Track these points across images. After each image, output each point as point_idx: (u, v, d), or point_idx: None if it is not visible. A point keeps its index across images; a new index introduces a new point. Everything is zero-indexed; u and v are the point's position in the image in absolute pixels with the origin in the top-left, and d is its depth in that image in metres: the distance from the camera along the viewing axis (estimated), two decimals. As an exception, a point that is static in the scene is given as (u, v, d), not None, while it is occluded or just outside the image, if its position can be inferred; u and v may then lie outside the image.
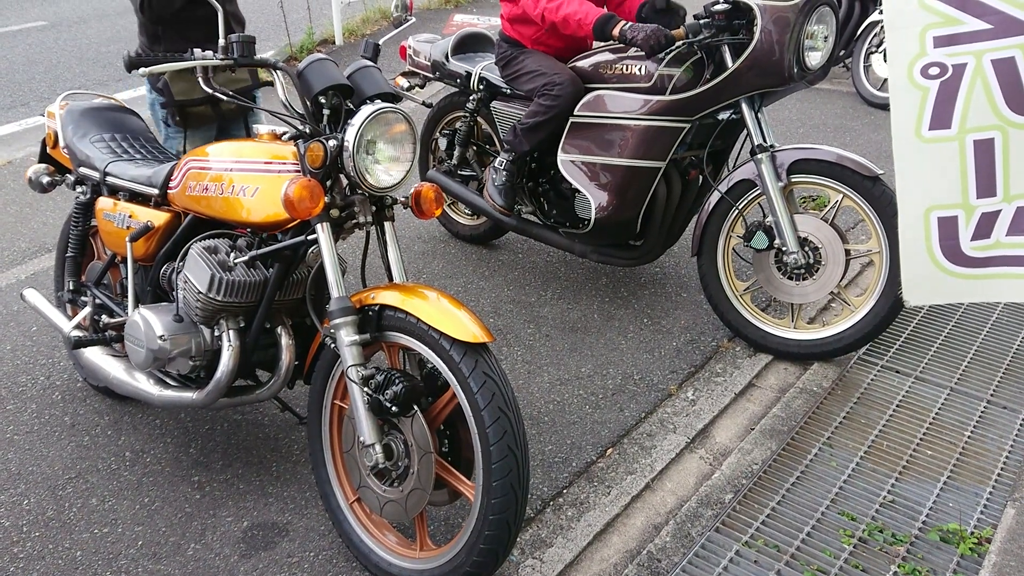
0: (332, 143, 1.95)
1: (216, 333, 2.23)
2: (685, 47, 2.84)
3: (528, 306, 3.51)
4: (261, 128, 2.21)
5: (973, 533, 2.24)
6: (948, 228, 2.29)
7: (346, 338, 1.95)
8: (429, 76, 3.80)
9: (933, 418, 2.73)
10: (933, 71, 2.17)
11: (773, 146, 2.88)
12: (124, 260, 2.46)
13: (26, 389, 2.93)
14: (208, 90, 2.04)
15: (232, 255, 2.16)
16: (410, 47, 3.88)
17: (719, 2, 2.75)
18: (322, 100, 1.97)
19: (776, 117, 5.67)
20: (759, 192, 2.92)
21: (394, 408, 1.88)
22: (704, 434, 2.73)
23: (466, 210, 4.01)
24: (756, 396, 2.91)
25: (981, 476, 2.46)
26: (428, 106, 3.88)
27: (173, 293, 2.29)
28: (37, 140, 4.07)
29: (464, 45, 3.73)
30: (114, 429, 2.72)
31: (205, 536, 2.28)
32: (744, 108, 2.87)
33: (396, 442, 1.98)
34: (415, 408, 1.92)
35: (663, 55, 2.89)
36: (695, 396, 2.91)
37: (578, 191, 3.22)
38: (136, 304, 2.40)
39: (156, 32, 2.91)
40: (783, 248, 2.93)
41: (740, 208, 2.99)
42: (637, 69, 2.99)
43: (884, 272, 2.79)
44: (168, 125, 3.03)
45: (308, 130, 2.03)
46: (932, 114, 2.19)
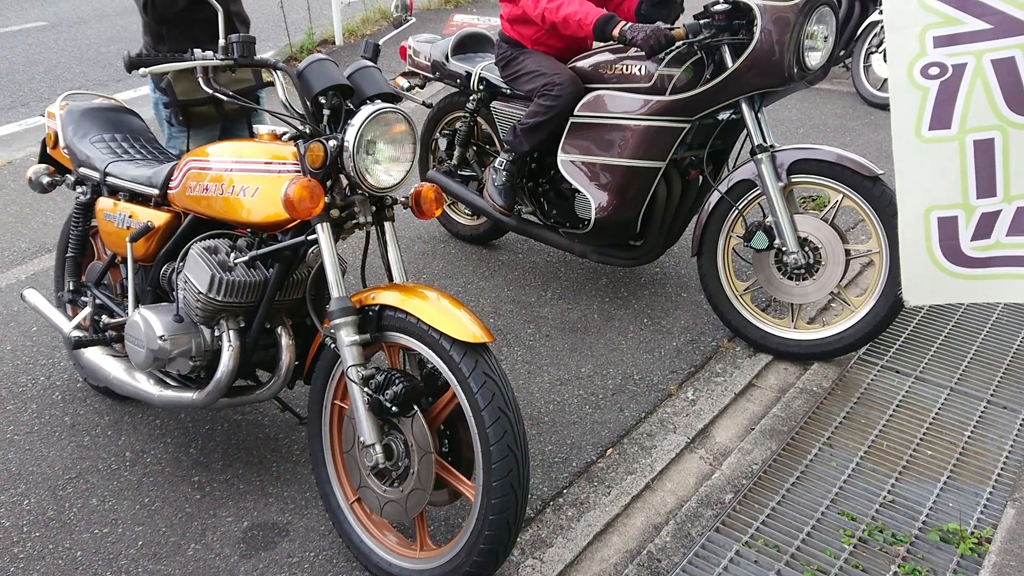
0: (332, 143, 1.95)
1: (216, 333, 2.23)
2: (685, 47, 2.84)
3: (528, 306, 3.51)
4: (261, 128, 2.21)
5: (973, 533, 2.24)
6: (948, 228, 2.29)
7: (346, 338, 1.95)
8: (429, 76, 3.80)
9: (933, 418, 2.73)
10: (933, 71, 2.17)
11: (773, 146, 2.88)
12: (124, 260, 2.46)
13: (26, 389, 2.94)
14: (208, 90, 2.04)
15: (232, 255, 2.16)
16: (410, 47, 3.89)
17: (719, 2, 2.75)
18: (322, 100, 1.97)
19: (776, 117, 5.67)
20: (759, 192, 2.93)
21: (394, 408, 1.88)
22: (704, 434, 2.73)
23: (466, 210, 4.01)
24: (756, 396, 2.92)
25: (981, 476, 2.46)
26: (428, 106, 3.89)
27: (173, 293, 2.29)
28: (37, 140, 4.07)
29: (464, 45, 3.73)
30: (114, 429, 2.72)
31: (205, 536, 2.28)
32: (744, 108, 2.87)
33: (396, 442, 1.98)
34: (415, 408, 1.92)
35: (663, 55, 2.89)
36: (695, 396, 2.91)
37: (578, 191, 3.22)
38: (136, 304, 2.40)
39: (160, 32, 2.92)
40: (783, 248, 2.93)
41: (740, 208, 2.99)
42: (637, 69, 2.99)
43: (884, 272, 2.79)
44: (171, 125, 3.03)
45: (308, 130, 2.03)
46: (932, 114, 2.20)
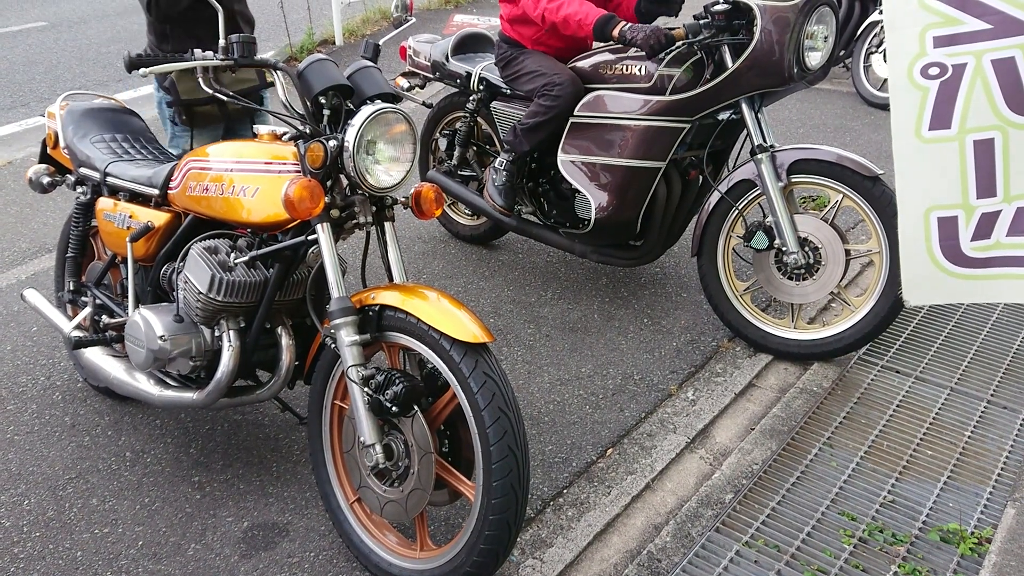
0: (332, 143, 1.95)
1: (216, 333, 2.23)
2: (685, 47, 2.84)
3: (528, 306, 3.51)
4: (261, 128, 2.21)
5: (973, 533, 2.24)
6: (948, 228, 2.29)
7: (346, 338, 1.95)
8: (429, 76, 3.80)
9: (933, 418, 2.73)
10: (933, 71, 2.17)
11: (773, 146, 2.88)
12: (124, 260, 2.46)
13: (26, 389, 2.94)
14: (208, 91, 2.04)
15: (232, 255, 2.16)
16: (410, 47, 3.89)
17: (719, 2, 2.75)
18: (322, 100, 1.97)
19: (776, 117, 5.67)
20: (759, 192, 2.93)
21: (394, 408, 1.88)
22: (704, 434, 2.73)
23: (466, 210, 4.01)
24: (756, 396, 2.92)
25: (981, 476, 2.46)
26: (428, 106, 3.89)
27: (173, 293, 2.29)
28: (37, 140, 4.07)
29: (464, 45, 3.73)
30: (114, 429, 2.72)
31: (205, 536, 2.28)
32: (744, 108, 2.87)
33: (396, 442, 1.98)
34: (415, 408, 1.92)
35: (663, 55, 2.89)
36: (695, 396, 2.91)
37: (578, 191, 3.22)
38: (136, 304, 2.40)
39: (164, 31, 2.92)
40: (783, 248, 2.93)
41: (740, 208, 3.00)
42: (637, 69, 2.99)
43: (884, 272, 2.79)
44: (175, 124, 3.03)
45: (308, 130, 2.03)
46: (932, 114, 2.19)
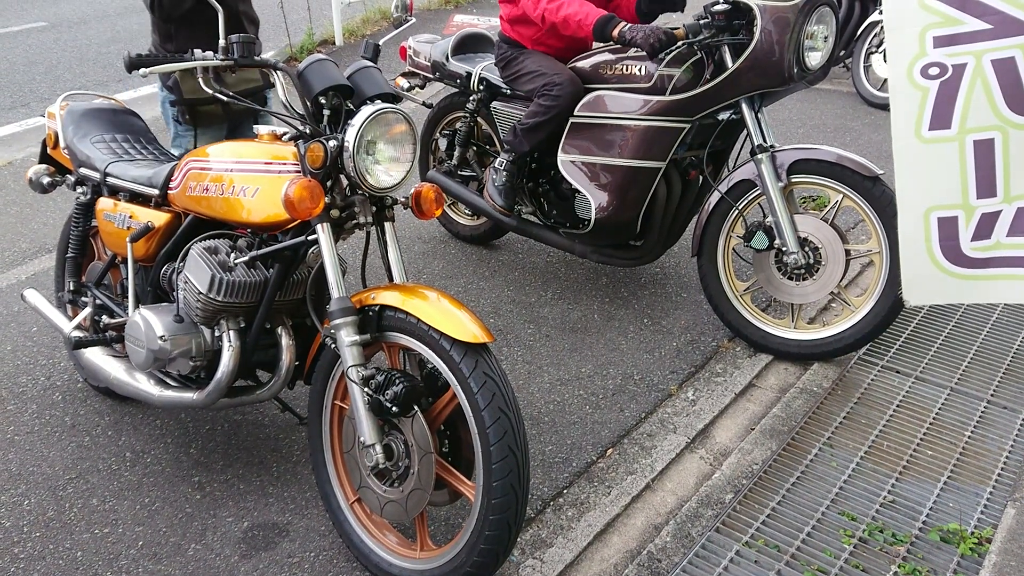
0: (332, 143, 1.95)
1: (216, 333, 2.23)
2: (685, 47, 2.84)
3: (528, 306, 3.51)
4: (261, 128, 2.21)
5: (973, 533, 2.24)
6: (948, 228, 2.29)
7: (346, 338, 1.95)
8: (429, 76, 3.80)
9: (933, 418, 2.73)
10: (933, 71, 2.17)
11: (773, 146, 2.88)
12: (124, 260, 2.46)
13: (27, 390, 2.94)
14: (208, 91, 2.04)
15: (232, 255, 2.16)
16: (410, 47, 3.89)
17: (719, 2, 2.75)
18: (322, 100, 1.97)
19: (776, 117, 5.67)
20: (759, 192, 2.93)
21: (394, 408, 1.88)
22: (704, 434, 2.73)
23: (466, 210, 4.01)
24: (756, 396, 2.91)
25: (981, 476, 2.46)
26: (428, 106, 3.89)
27: (173, 293, 2.29)
28: (37, 141, 4.08)
29: (464, 45, 3.73)
30: (114, 430, 2.72)
31: (205, 536, 2.28)
32: (744, 108, 2.87)
33: (396, 442, 1.98)
34: (415, 408, 1.92)
35: (663, 55, 2.89)
36: (695, 396, 2.91)
37: (578, 191, 3.22)
38: (136, 304, 2.40)
39: (168, 30, 2.92)
40: (783, 248, 2.93)
41: (740, 208, 2.99)
42: (637, 69, 2.99)
43: (884, 272, 2.79)
44: (179, 123, 3.03)
45: (308, 130, 2.03)
46: (932, 114, 2.20)
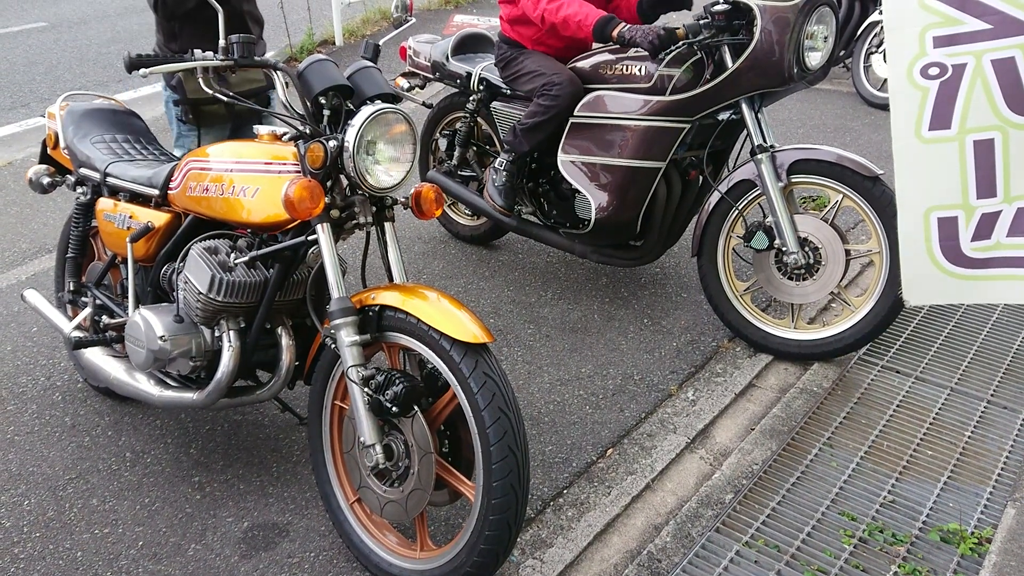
0: (332, 144, 1.95)
1: (216, 334, 2.23)
2: (685, 47, 2.84)
3: (528, 306, 3.51)
4: (261, 129, 2.21)
5: (973, 533, 2.24)
6: (948, 229, 2.29)
7: (346, 338, 1.95)
8: (429, 77, 3.80)
9: (933, 418, 2.73)
10: (933, 71, 2.17)
11: (773, 146, 2.88)
12: (124, 261, 2.46)
13: (27, 390, 2.94)
14: (209, 91, 2.04)
15: (232, 256, 2.16)
16: (410, 48, 3.89)
17: (719, 2, 2.75)
18: (322, 101, 1.97)
19: (776, 117, 5.67)
20: (759, 192, 2.93)
21: (394, 408, 1.88)
22: (704, 434, 2.73)
23: (466, 210, 4.01)
24: (756, 396, 2.91)
25: (981, 476, 2.46)
26: (428, 107, 3.89)
27: (173, 294, 2.29)
28: (38, 141, 4.07)
29: (464, 46, 3.73)
30: (114, 430, 2.72)
31: (205, 536, 2.28)
32: (744, 108, 2.87)
33: (396, 442, 1.98)
34: (415, 408, 1.92)
35: (664, 55, 2.89)
36: (695, 396, 2.91)
37: (578, 191, 3.22)
38: (136, 305, 2.41)
39: (172, 30, 2.92)
40: (783, 248, 2.93)
41: (740, 208, 2.99)
42: (637, 69, 2.99)
43: (884, 272, 2.79)
44: (182, 123, 3.03)
45: (308, 131, 2.03)
46: (932, 114, 2.19)
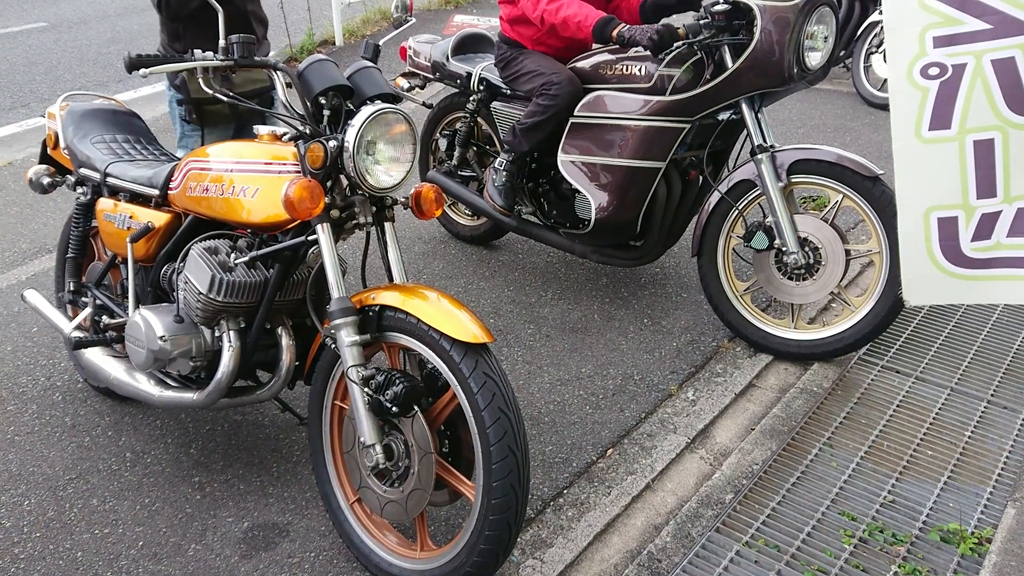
0: (332, 144, 1.95)
1: (216, 334, 2.23)
2: (685, 47, 2.84)
3: (528, 307, 3.51)
4: (261, 129, 2.21)
5: (973, 533, 2.24)
6: (948, 229, 2.29)
7: (346, 338, 1.95)
8: (429, 77, 3.80)
9: (933, 418, 2.73)
10: (933, 71, 2.17)
11: (773, 146, 2.88)
12: (125, 261, 2.46)
13: (27, 390, 2.94)
14: (209, 91, 2.04)
15: (232, 256, 2.16)
16: (410, 48, 3.89)
17: (719, 2, 2.75)
18: (322, 101, 1.97)
19: (776, 117, 5.67)
20: (759, 192, 2.93)
21: (394, 408, 1.88)
22: (704, 434, 2.73)
23: (466, 211, 4.01)
24: (756, 396, 2.91)
25: (981, 476, 2.46)
26: (428, 107, 3.89)
27: (174, 294, 2.29)
28: (38, 141, 4.08)
29: (464, 46, 3.73)
30: (115, 430, 2.72)
31: (206, 537, 2.28)
32: (744, 108, 2.87)
33: (396, 442, 1.98)
34: (415, 408, 1.92)
35: (663, 55, 2.89)
36: (695, 396, 2.91)
37: (578, 192, 3.22)
38: (136, 305, 2.41)
39: (176, 29, 2.92)
40: (783, 248, 2.93)
41: (740, 208, 2.99)
42: (637, 69, 2.99)
43: (884, 272, 2.79)
44: (186, 123, 3.03)
45: (308, 131, 2.03)
46: (932, 114, 2.20)
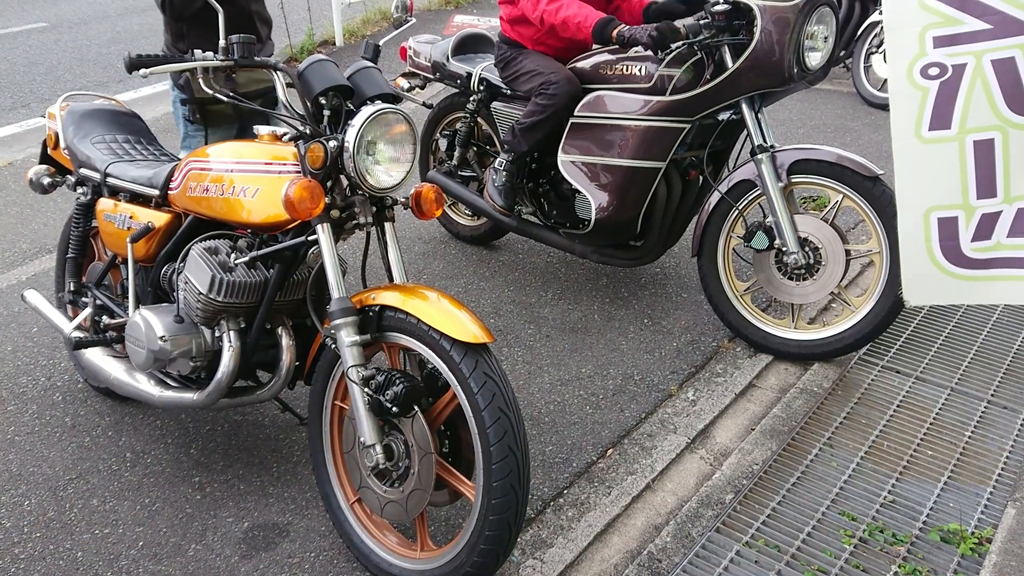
0: (332, 144, 1.95)
1: (217, 334, 2.23)
2: (685, 47, 2.84)
3: (528, 307, 3.51)
4: (261, 129, 2.21)
5: (974, 533, 2.24)
6: (948, 229, 2.29)
7: (346, 339, 1.95)
8: (429, 77, 3.80)
9: (934, 418, 2.73)
10: (933, 71, 2.17)
11: (773, 146, 2.88)
12: (125, 261, 2.46)
13: (27, 390, 2.94)
14: (209, 91, 2.04)
15: (233, 256, 2.16)
16: (410, 48, 3.89)
17: (719, 2, 2.75)
18: (322, 101, 1.97)
19: (776, 117, 5.67)
20: (759, 192, 2.93)
21: (394, 409, 1.88)
22: (704, 434, 2.73)
23: (466, 211, 4.01)
24: (756, 396, 2.91)
25: (981, 476, 2.46)
26: (428, 107, 3.89)
27: (174, 294, 2.29)
28: (38, 141, 4.08)
29: (464, 46, 3.73)
30: (115, 430, 2.72)
31: (206, 537, 2.28)
32: (744, 108, 2.87)
33: (396, 443, 1.98)
34: (415, 409, 1.92)
35: (663, 55, 2.89)
36: (695, 396, 2.91)
37: (578, 192, 3.22)
38: (137, 305, 2.41)
39: (180, 29, 2.93)
40: (783, 248, 2.93)
41: (740, 208, 2.99)
42: (637, 70, 2.99)
43: (884, 272, 2.79)
44: (189, 123, 3.03)
45: (308, 131, 2.03)
46: (932, 114, 2.19)
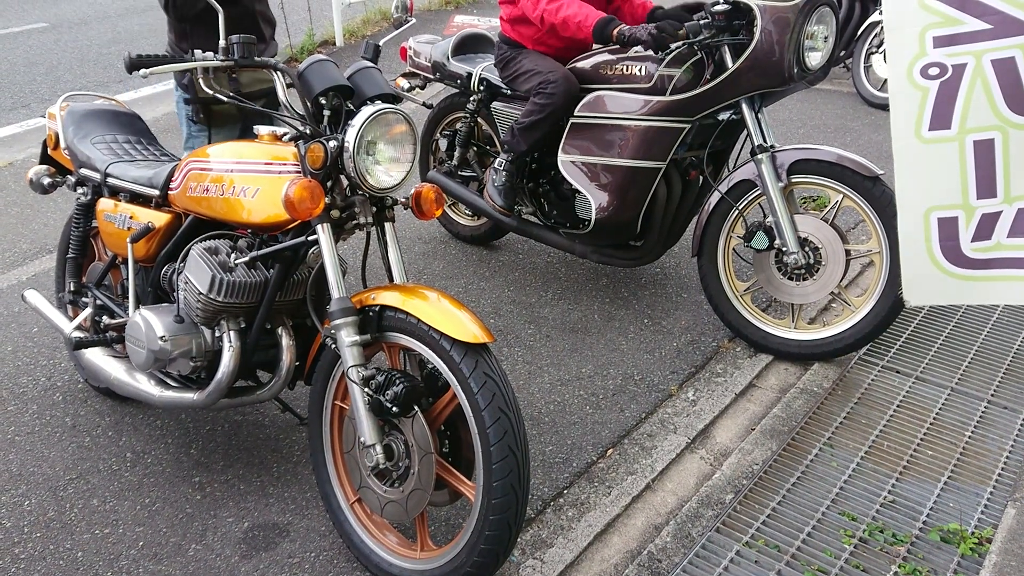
0: (332, 144, 1.95)
1: (217, 334, 2.23)
2: (685, 47, 2.84)
3: (528, 307, 3.51)
4: (262, 129, 2.21)
5: (974, 533, 2.24)
6: (948, 229, 2.29)
7: (347, 339, 1.95)
8: (429, 77, 3.80)
9: (934, 418, 2.73)
10: (933, 71, 2.17)
11: (773, 146, 2.88)
12: (125, 261, 2.46)
13: (27, 390, 2.94)
14: (209, 91, 2.05)
15: (233, 256, 2.17)
16: (411, 48, 3.89)
17: (719, 2, 2.75)
18: (322, 101, 1.97)
19: (776, 117, 5.67)
20: (759, 192, 2.93)
21: (395, 408, 1.88)
22: (705, 434, 2.73)
23: (466, 211, 4.01)
24: (757, 396, 2.91)
25: (982, 476, 2.46)
26: (428, 107, 3.89)
27: (174, 294, 2.30)
28: (38, 141, 4.09)
29: (464, 46, 3.73)
30: (115, 430, 2.72)
31: (206, 537, 2.28)
32: (744, 108, 2.87)
33: (397, 442, 1.98)
34: (415, 408, 1.92)
35: (664, 54, 2.89)
36: (696, 396, 2.91)
37: (578, 192, 3.22)
38: (137, 305, 2.41)
39: (183, 29, 2.93)
40: (783, 248, 2.93)
41: (740, 208, 3.00)
42: (637, 70, 2.99)
43: (884, 272, 2.79)
44: (193, 123, 3.03)
45: (308, 131, 2.03)
46: (932, 114, 2.19)
